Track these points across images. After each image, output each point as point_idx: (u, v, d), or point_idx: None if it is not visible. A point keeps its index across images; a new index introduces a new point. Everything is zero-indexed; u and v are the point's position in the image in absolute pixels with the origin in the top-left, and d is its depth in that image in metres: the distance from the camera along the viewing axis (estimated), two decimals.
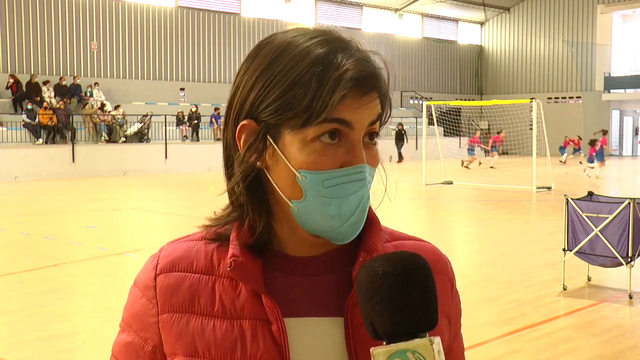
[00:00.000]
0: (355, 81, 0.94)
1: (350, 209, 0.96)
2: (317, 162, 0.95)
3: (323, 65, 0.94)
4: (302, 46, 0.97)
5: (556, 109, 36.97)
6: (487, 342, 5.56)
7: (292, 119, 0.95)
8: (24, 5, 24.66)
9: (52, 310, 6.50)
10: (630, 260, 6.71)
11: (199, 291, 1.03)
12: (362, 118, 0.96)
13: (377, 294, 0.87)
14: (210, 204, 1.14)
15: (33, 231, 11.23)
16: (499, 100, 29.18)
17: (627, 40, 38.31)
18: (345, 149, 0.96)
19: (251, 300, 1.00)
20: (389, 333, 0.87)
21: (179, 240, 1.10)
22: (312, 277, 1.04)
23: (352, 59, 0.96)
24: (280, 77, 0.96)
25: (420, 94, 36.52)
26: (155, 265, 1.07)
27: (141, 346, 1.06)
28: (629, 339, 5.74)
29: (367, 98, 0.96)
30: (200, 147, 25.22)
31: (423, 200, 16.35)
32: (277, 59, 0.97)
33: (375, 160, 1.00)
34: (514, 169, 23.61)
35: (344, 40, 0.99)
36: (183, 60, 28.74)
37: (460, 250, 10.09)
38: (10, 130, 21.67)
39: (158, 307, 1.04)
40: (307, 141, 0.95)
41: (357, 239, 1.04)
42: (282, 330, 0.98)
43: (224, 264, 1.03)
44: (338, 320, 1.01)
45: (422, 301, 0.88)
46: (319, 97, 0.93)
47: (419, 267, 0.89)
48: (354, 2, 34.88)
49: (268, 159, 0.99)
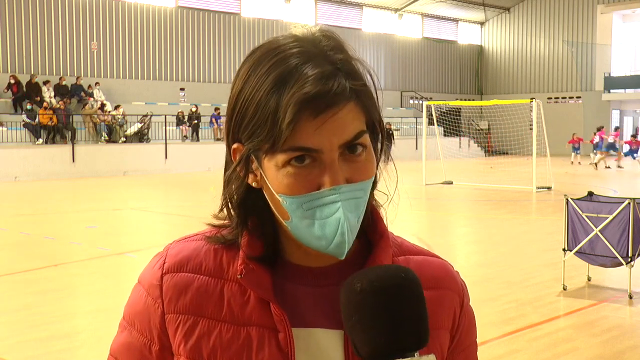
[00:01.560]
0: (301, 104, 0.90)
1: (332, 231, 0.93)
2: (291, 186, 0.93)
3: (276, 92, 0.92)
4: (262, 70, 0.94)
5: (556, 109, 36.96)
6: (487, 342, 5.55)
7: (262, 144, 0.94)
8: (24, 5, 24.65)
9: (52, 310, 6.50)
10: (630, 260, 6.70)
11: (207, 294, 1.01)
12: (327, 139, 0.91)
13: (354, 312, 0.83)
14: (210, 204, 1.14)
15: (33, 231, 11.22)
16: (499, 100, 29.16)
17: (627, 40, 38.31)
18: (319, 170, 0.93)
19: (259, 307, 0.99)
20: (370, 353, 0.83)
21: (186, 239, 1.08)
22: (321, 288, 1.03)
23: (301, 81, 0.91)
24: (248, 103, 0.95)
25: (420, 94, 36.50)
26: (162, 264, 1.05)
27: (147, 346, 1.04)
28: (629, 339, 5.74)
29: (324, 117, 0.91)
30: (200, 147, 25.20)
31: (423, 200, 16.35)
32: (246, 83, 0.96)
33: (362, 173, 0.95)
34: (514, 169, 23.61)
35: (305, 53, 0.94)
36: (183, 60, 28.73)
37: (460, 250, 10.09)
38: (10, 130, 21.66)
39: (164, 307, 1.03)
40: (279, 166, 0.93)
41: (368, 251, 1.03)
42: (290, 340, 0.97)
43: (234, 267, 1.02)
44: (341, 332, 0.99)
45: (402, 319, 0.82)
46: (274, 124, 0.91)
47: (400, 284, 0.84)
48: (354, 2, 34.87)
49: (260, 180, 0.98)
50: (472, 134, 37.24)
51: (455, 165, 24.22)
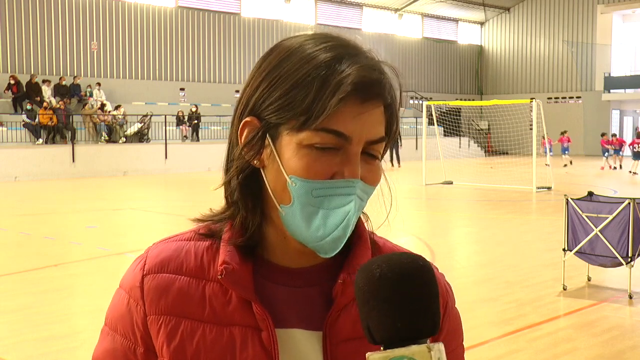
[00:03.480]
0: (356, 85, 0.92)
1: (335, 222, 0.94)
2: (308, 168, 0.93)
3: (327, 69, 0.93)
4: (310, 50, 0.96)
5: (556, 109, 36.96)
6: (487, 342, 5.56)
7: (291, 120, 0.94)
8: (24, 5, 24.65)
9: (52, 310, 6.50)
10: (630, 260, 6.71)
11: (189, 295, 1.01)
12: (361, 129, 0.93)
13: (373, 298, 0.84)
14: (210, 204, 1.14)
15: (33, 231, 11.22)
16: (499, 100, 29.16)
17: (627, 40, 38.29)
18: (341, 159, 0.94)
19: (241, 307, 0.99)
20: (386, 338, 0.83)
21: (167, 240, 1.07)
22: (298, 288, 1.02)
23: (357, 65, 0.94)
24: (284, 77, 0.95)
25: (420, 94, 36.50)
26: (142, 266, 1.04)
27: (131, 349, 1.03)
28: (629, 339, 5.74)
29: (368, 105, 0.93)
30: (200, 147, 25.20)
31: (423, 200, 16.35)
32: (285, 60, 0.96)
33: (373, 178, 0.97)
34: (514, 169, 23.61)
35: (355, 47, 0.97)
36: (183, 60, 28.73)
37: (460, 250, 10.09)
38: (10, 130, 21.66)
39: (145, 309, 1.02)
40: (302, 145, 0.93)
41: (346, 253, 1.02)
42: (273, 338, 0.97)
43: (215, 267, 1.01)
44: (319, 334, 0.99)
45: (422, 305, 0.83)
46: (318, 100, 0.92)
47: (419, 270, 0.85)
48: (354, 2, 34.87)
49: (265, 159, 0.98)
50: (472, 134, 37.25)
51: (455, 165, 24.21)
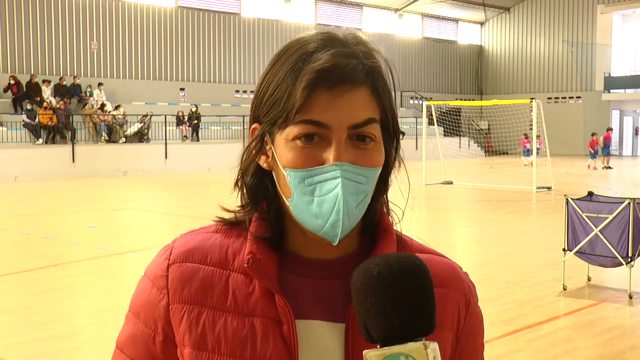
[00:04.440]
0: (319, 73, 0.94)
1: (329, 208, 0.95)
2: (296, 159, 0.96)
3: (302, 63, 0.96)
4: (294, 48, 0.98)
5: (556, 109, 36.95)
6: (487, 342, 5.54)
7: (278, 118, 0.97)
8: (24, 5, 24.65)
9: (52, 310, 6.50)
10: (630, 260, 6.70)
11: (213, 284, 1.02)
12: (339, 115, 0.94)
13: (371, 296, 0.85)
14: (210, 204, 1.15)
15: (33, 231, 11.22)
16: (499, 100, 29.16)
17: (627, 40, 38.28)
18: (325, 148, 0.96)
19: (264, 298, 1.00)
20: (383, 336, 0.85)
21: (193, 232, 1.10)
22: (321, 280, 1.03)
23: (328, 54, 0.95)
24: (270, 80, 0.99)
25: (420, 94, 36.50)
26: (168, 256, 1.06)
27: (151, 337, 1.06)
28: (629, 339, 5.74)
29: (338, 90, 0.94)
30: (200, 147, 25.21)
31: (423, 200, 16.35)
32: (272, 64, 1.00)
33: (366, 160, 0.97)
34: (514, 169, 23.60)
35: (338, 39, 0.99)
36: (183, 60, 28.72)
37: (460, 250, 10.09)
38: (10, 130, 21.66)
39: (169, 297, 1.04)
40: (289, 139, 0.96)
41: (372, 247, 1.04)
42: (293, 332, 0.98)
43: (239, 258, 1.03)
44: (341, 326, 1.00)
45: (418, 304, 0.85)
46: (290, 96, 0.95)
47: (416, 269, 0.86)
48: (354, 2, 34.87)
49: (271, 160, 1.01)
50: (472, 134, 37.24)
51: (455, 165, 24.21)
